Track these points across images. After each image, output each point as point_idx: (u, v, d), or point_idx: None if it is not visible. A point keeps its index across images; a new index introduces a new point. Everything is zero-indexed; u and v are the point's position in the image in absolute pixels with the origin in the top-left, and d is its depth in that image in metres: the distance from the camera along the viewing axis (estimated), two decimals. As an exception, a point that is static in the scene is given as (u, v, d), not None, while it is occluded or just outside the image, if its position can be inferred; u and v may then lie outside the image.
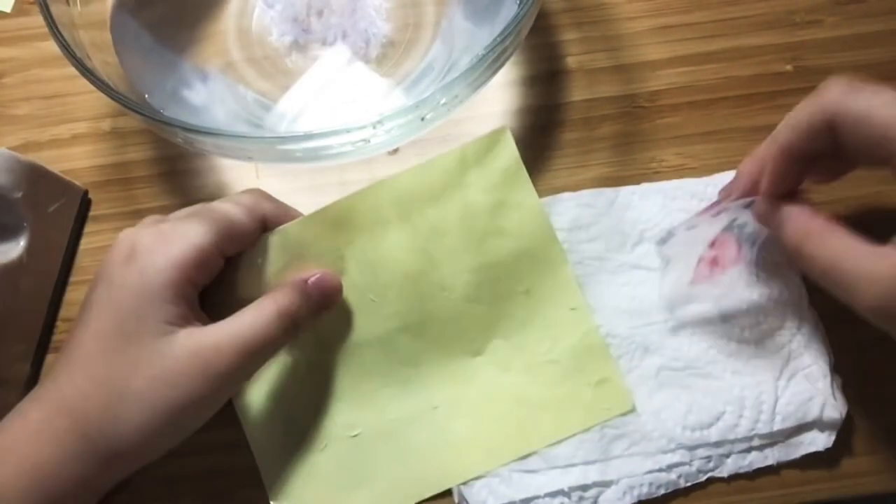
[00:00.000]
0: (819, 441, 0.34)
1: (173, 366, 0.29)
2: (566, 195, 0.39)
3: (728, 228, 0.35)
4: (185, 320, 0.30)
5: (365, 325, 0.35)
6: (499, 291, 0.36)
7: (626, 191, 0.39)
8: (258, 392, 0.35)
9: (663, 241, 0.37)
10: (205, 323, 0.31)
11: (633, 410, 0.35)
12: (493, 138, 0.36)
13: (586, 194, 0.39)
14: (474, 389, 0.35)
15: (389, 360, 0.35)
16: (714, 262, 0.36)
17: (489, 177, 0.36)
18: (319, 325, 0.35)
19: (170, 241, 0.30)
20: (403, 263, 0.35)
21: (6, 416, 0.30)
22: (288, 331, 0.32)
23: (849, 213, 0.38)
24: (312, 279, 0.34)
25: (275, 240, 0.34)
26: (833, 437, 0.34)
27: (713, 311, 0.36)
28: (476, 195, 0.36)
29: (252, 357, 0.31)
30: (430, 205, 0.35)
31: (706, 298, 0.36)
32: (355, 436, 0.35)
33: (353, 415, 0.35)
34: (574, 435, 0.34)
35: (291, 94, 0.41)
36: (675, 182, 0.39)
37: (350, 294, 0.35)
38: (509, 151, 0.36)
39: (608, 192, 0.39)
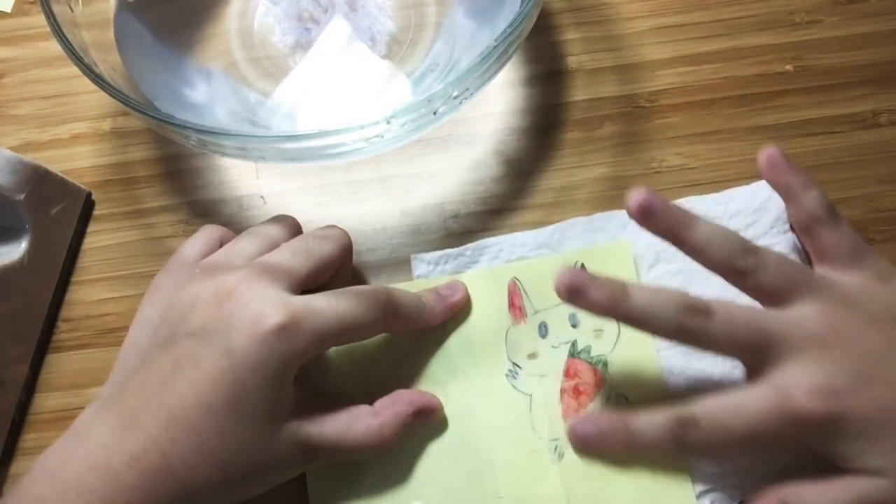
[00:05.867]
0: None
1: (276, 456, 0.30)
2: (578, 220, 0.38)
3: (572, 355, 0.35)
4: (293, 404, 0.30)
5: (448, 397, 0.35)
6: None
7: None
8: None
9: (513, 375, 0.36)
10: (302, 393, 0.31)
11: None
12: (612, 251, 0.36)
13: (598, 217, 0.38)
14: (544, 489, 0.33)
15: (465, 437, 0.34)
16: (577, 392, 0.35)
17: None
18: None
19: (299, 328, 0.29)
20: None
21: (84, 467, 0.28)
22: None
23: (848, 214, 0.38)
24: (418, 408, 0.33)
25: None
26: None
27: None
28: None
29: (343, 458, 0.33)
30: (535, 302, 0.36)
31: None
32: None
33: (417, 486, 0.33)
34: None
35: (289, 81, 0.41)
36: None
37: (440, 365, 0.36)
38: (627, 270, 0.36)
39: (619, 214, 0.38)
